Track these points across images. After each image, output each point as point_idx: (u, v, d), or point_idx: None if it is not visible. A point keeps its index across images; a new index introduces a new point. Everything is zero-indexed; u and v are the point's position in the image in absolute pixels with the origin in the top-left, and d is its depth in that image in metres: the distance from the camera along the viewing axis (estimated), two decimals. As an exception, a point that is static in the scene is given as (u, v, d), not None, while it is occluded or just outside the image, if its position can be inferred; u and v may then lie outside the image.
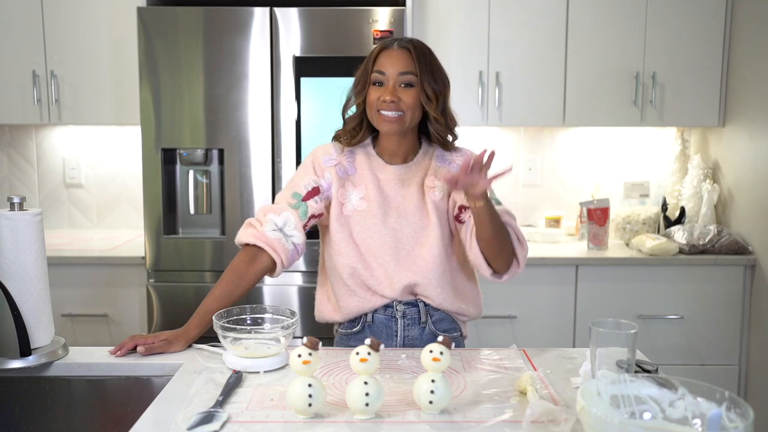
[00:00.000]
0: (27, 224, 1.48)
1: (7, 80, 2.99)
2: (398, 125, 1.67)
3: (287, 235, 1.69)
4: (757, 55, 2.82)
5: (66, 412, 1.55)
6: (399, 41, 1.70)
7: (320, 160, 1.75)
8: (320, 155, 1.77)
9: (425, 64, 1.67)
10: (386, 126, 1.67)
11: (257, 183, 2.73)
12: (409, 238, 1.71)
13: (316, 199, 1.72)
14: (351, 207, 1.72)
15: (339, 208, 1.72)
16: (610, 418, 1.02)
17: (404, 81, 1.66)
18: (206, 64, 2.67)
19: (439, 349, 1.26)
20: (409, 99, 1.66)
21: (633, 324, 1.31)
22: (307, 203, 1.72)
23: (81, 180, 3.36)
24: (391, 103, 1.64)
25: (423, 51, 1.69)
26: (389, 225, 1.71)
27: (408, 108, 1.66)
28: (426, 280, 1.69)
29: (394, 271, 1.69)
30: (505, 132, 3.33)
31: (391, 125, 1.67)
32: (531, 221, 3.34)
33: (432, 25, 2.99)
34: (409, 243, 1.71)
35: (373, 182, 1.73)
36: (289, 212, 1.71)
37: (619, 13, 2.97)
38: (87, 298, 2.84)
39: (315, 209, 1.72)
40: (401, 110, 1.65)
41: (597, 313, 2.81)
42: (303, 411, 1.25)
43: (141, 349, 1.57)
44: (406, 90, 1.66)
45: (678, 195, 3.21)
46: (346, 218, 1.72)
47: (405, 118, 1.67)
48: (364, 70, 1.71)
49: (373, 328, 1.73)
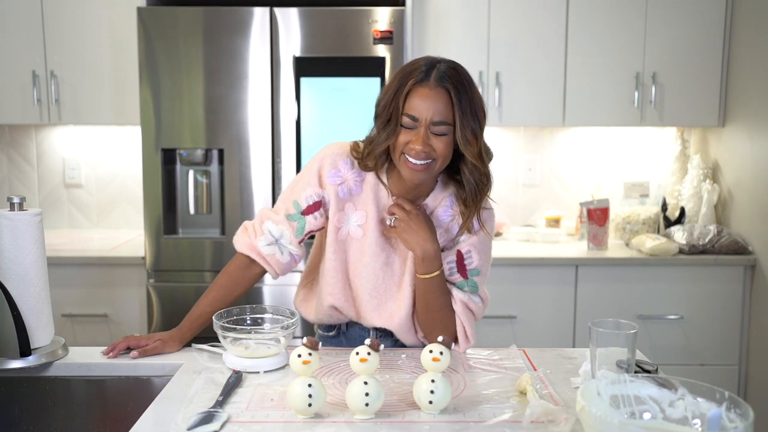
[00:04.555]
0: (27, 224, 1.48)
1: (7, 80, 2.99)
2: (425, 174, 1.50)
3: (283, 246, 1.62)
4: (757, 55, 2.82)
5: (66, 412, 1.55)
6: (436, 74, 1.46)
7: (326, 172, 1.60)
8: (328, 166, 1.60)
9: (465, 105, 1.46)
10: (411, 174, 1.49)
11: (257, 183, 2.73)
12: (393, 281, 1.62)
13: (316, 215, 1.61)
14: (346, 231, 1.61)
15: (335, 232, 1.61)
16: (610, 418, 1.02)
17: (438, 131, 1.46)
18: (206, 64, 2.67)
19: (439, 349, 1.26)
20: (442, 147, 1.47)
21: (633, 324, 1.31)
22: (305, 218, 1.61)
23: (81, 180, 3.36)
24: (422, 152, 1.46)
25: (462, 87, 1.47)
26: (380, 261, 1.61)
27: (440, 156, 1.48)
28: (400, 329, 1.63)
29: (370, 314, 1.64)
30: (505, 132, 3.33)
31: (417, 174, 1.49)
32: (531, 221, 3.34)
33: (432, 25, 2.99)
34: (393, 286, 1.62)
35: (375, 212, 1.60)
36: (285, 226, 1.61)
37: (619, 13, 2.97)
38: (87, 298, 2.84)
39: (313, 225, 1.62)
40: (432, 158, 1.48)
41: (597, 313, 2.81)
42: (303, 411, 1.24)
43: (134, 353, 1.55)
44: (439, 138, 1.47)
45: (678, 195, 3.21)
46: (340, 243, 1.62)
47: (434, 167, 1.49)
48: (393, 103, 1.48)
49: (348, 336, 1.73)
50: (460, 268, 1.61)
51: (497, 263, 2.84)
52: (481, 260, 1.62)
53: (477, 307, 1.62)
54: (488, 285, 1.75)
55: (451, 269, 1.60)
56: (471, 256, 1.61)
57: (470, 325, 1.61)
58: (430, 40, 2.98)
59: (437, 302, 1.57)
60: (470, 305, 1.61)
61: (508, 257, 2.85)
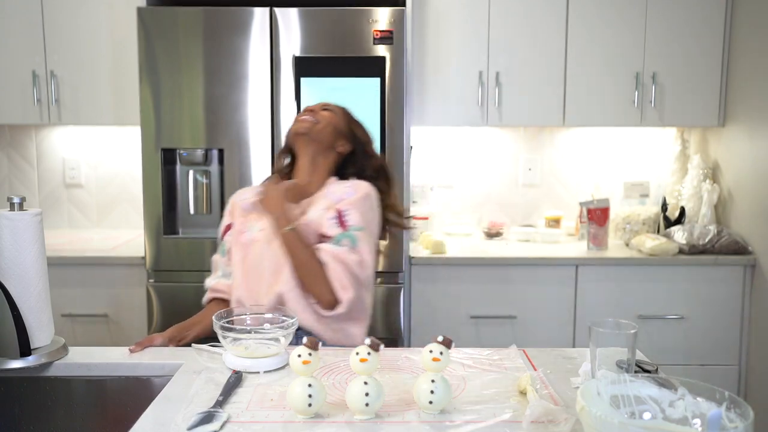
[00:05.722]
0: (27, 224, 1.48)
1: (7, 80, 2.99)
2: (308, 127, 1.87)
3: (228, 274, 1.89)
4: (757, 55, 2.82)
5: (66, 412, 1.55)
6: (318, 106, 1.97)
7: (232, 201, 1.98)
8: (234, 198, 1.99)
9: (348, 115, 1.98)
10: (297, 125, 1.89)
11: (257, 183, 2.72)
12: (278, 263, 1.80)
13: (230, 233, 1.91)
14: (249, 236, 1.85)
15: (237, 235, 1.88)
16: (610, 418, 1.02)
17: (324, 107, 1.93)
18: (206, 64, 2.67)
19: (439, 349, 1.26)
20: (327, 114, 1.91)
21: (633, 324, 1.31)
22: (224, 240, 1.93)
23: (81, 180, 3.36)
24: (308, 112, 1.90)
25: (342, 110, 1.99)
26: (274, 249, 1.80)
27: (323, 118, 1.89)
28: (288, 299, 1.76)
29: (265, 291, 1.80)
30: (505, 132, 3.33)
31: (301, 124, 1.88)
32: (531, 221, 3.34)
33: (432, 25, 2.99)
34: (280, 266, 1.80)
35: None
36: (216, 259, 1.94)
37: (619, 13, 2.98)
38: (87, 298, 2.84)
39: (230, 242, 1.90)
40: (316, 120, 1.89)
41: (597, 313, 2.81)
42: (303, 411, 1.24)
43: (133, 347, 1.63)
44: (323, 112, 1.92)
45: (678, 195, 3.21)
46: (242, 245, 1.85)
47: (316, 127, 1.88)
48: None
49: None
50: (340, 222, 1.80)
51: (497, 263, 2.86)
52: (362, 219, 1.80)
53: (351, 260, 1.75)
54: (488, 285, 1.75)
55: (333, 224, 1.79)
56: (349, 213, 1.80)
57: (346, 276, 1.75)
58: (430, 40, 2.98)
59: (302, 255, 1.74)
60: (341, 256, 1.75)
61: (508, 257, 2.85)
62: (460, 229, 3.23)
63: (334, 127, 1.90)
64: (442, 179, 3.34)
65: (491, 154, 3.33)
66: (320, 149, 1.90)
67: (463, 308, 2.84)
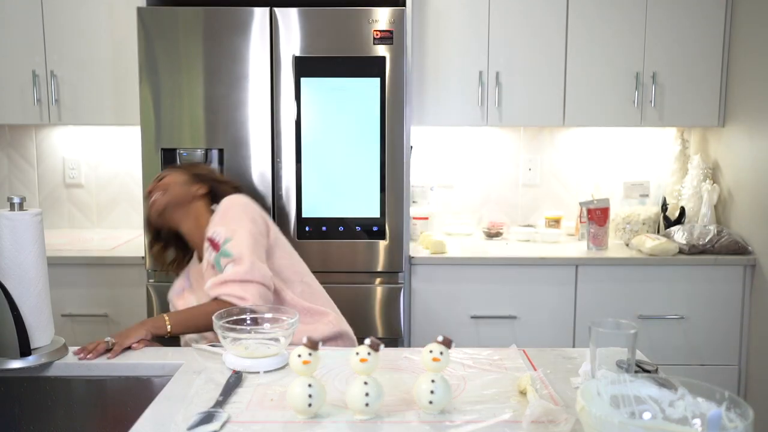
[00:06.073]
0: (27, 224, 1.48)
1: (7, 80, 2.99)
2: (162, 200, 1.96)
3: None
4: (757, 55, 2.82)
5: (66, 412, 1.55)
6: None
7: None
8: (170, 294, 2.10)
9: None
10: (154, 207, 1.98)
11: (257, 183, 2.73)
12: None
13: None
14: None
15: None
16: (610, 418, 1.02)
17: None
18: (206, 64, 2.67)
19: (439, 349, 1.26)
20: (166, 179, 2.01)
21: (633, 324, 1.31)
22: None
23: (81, 180, 3.36)
24: (152, 192, 1.98)
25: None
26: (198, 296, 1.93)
27: (166, 185, 1.98)
28: None
29: None
30: (505, 132, 3.33)
31: (156, 204, 1.97)
32: (531, 221, 3.34)
33: (432, 25, 2.99)
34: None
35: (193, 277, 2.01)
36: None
37: (619, 13, 2.98)
38: (87, 298, 2.84)
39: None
40: (163, 191, 1.98)
41: (597, 313, 2.81)
42: (303, 411, 1.25)
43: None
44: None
45: (678, 195, 3.21)
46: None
47: (167, 195, 1.96)
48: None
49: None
50: (213, 246, 1.84)
51: (497, 263, 2.87)
52: (226, 228, 1.84)
53: (239, 272, 1.76)
54: (488, 284, 1.75)
55: (210, 252, 1.84)
56: (216, 233, 1.84)
57: (239, 286, 1.75)
58: (430, 40, 2.98)
59: (197, 324, 1.77)
60: (227, 278, 1.76)
61: (508, 257, 2.85)
62: (460, 229, 3.23)
63: (180, 183, 1.99)
64: (442, 179, 3.34)
65: (491, 154, 3.33)
66: (185, 207, 1.98)
67: (463, 308, 2.84)
